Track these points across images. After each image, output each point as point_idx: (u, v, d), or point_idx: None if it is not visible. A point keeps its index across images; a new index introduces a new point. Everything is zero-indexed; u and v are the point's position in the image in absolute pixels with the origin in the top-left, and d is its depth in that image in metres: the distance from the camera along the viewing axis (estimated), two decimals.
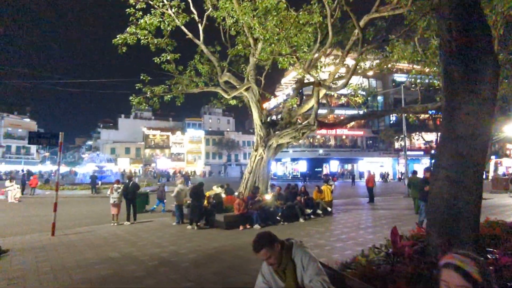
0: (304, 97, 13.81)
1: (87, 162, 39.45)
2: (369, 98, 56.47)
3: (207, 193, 10.24)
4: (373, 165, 51.71)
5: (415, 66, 11.49)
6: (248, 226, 9.10)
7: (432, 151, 47.86)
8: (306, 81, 13.51)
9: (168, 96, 13.04)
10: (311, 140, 53.17)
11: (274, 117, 14.44)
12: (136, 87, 12.58)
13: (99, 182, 24.65)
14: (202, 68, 13.71)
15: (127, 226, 10.18)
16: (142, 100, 12.71)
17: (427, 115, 50.91)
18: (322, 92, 12.19)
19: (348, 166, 52.90)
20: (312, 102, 12.94)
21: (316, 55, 11.40)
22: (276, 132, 12.56)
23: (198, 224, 9.32)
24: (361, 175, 50.05)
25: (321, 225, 9.40)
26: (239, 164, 79.41)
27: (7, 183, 19.06)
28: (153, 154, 74.64)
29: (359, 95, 11.75)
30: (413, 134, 51.45)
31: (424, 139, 49.76)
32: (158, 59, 12.56)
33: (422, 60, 9.89)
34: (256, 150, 12.82)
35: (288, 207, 10.25)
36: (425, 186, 7.88)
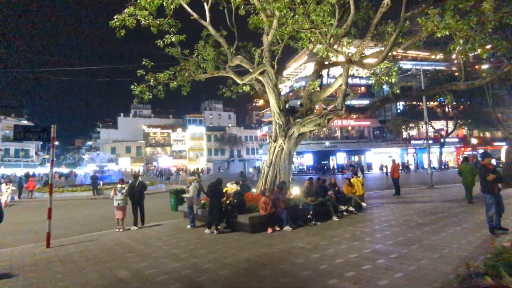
0: (323, 81, 12.22)
1: (87, 162, 38.17)
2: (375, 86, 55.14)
3: (226, 190, 8.86)
4: (381, 156, 50.36)
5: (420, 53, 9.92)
6: (277, 228, 7.73)
7: (442, 140, 46.53)
8: (327, 62, 12.11)
9: (174, 83, 11.61)
10: (316, 133, 51.74)
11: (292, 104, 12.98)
12: (138, 74, 11.13)
13: (101, 183, 23.34)
14: (207, 55, 12.26)
15: (134, 232, 8.83)
16: (144, 89, 11.27)
17: (435, 103, 49.38)
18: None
19: (355, 158, 51.51)
20: (336, 85, 11.53)
21: (340, 30, 9.94)
22: (297, 120, 11.15)
23: (218, 227, 7.95)
24: (369, 167, 48.66)
25: (362, 224, 8.02)
26: (242, 159, 78.17)
27: (3, 186, 17.75)
28: (154, 153, 73.33)
29: (394, 74, 10.31)
30: (421, 123, 49.93)
31: (433, 128, 48.10)
32: (161, 42, 11.10)
33: (470, 28, 8.37)
34: (275, 140, 11.41)
35: (319, 204, 8.88)
36: (487, 175, 6.48)
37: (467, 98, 44.92)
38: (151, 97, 11.33)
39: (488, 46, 8.96)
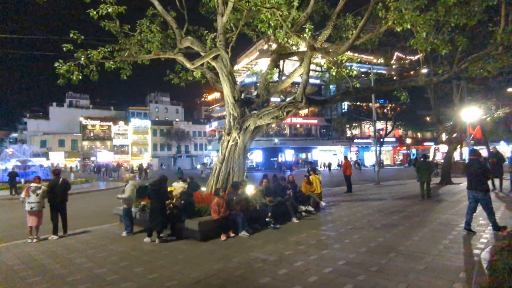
0: (282, 71, 11.40)
1: (11, 157, 33.11)
2: (322, 86, 56.79)
3: (171, 190, 7.49)
4: (327, 154, 52.10)
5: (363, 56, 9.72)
6: (232, 234, 6.63)
7: (381, 139, 49.48)
8: (285, 51, 11.31)
9: (110, 64, 9.82)
10: (266, 130, 51.68)
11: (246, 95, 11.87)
12: (65, 49, 9.14)
13: (22, 180, 19.98)
14: (153, 37, 10.65)
15: (52, 242, 7.05)
16: (73, 68, 9.33)
17: (376, 104, 52.35)
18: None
19: (303, 155, 52.55)
20: (295, 75, 10.75)
21: (300, 18, 9.15)
22: (253, 112, 10.15)
23: (161, 235, 6.60)
24: (315, 164, 49.84)
25: (325, 227, 7.29)
26: (190, 155, 75.47)
27: None
28: (92, 147, 67.22)
29: (353, 68, 9.83)
30: (364, 122, 52.68)
31: (375, 127, 50.82)
32: (94, 13, 9.24)
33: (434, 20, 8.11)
34: (229, 134, 10.28)
35: (278, 204, 7.98)
36: (487, 173, 6.29)
37: (403, 102, 48.46)
38: (80, 77, 9.42)
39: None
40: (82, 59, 9.45)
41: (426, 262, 4.50)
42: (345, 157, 15.78)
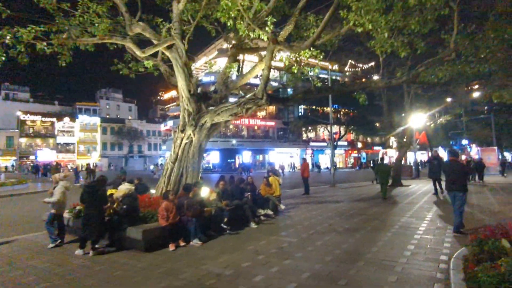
0: (241, 67, 10.80)
1: None
2: (280, 89, 57.34)
3: (112, 193, 6.45)
4: (283, 156, 52.63)
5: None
6: (182, 243, 5.83)
7: (335, 142, 51.18)
8: (247, 47, 10.72)
9: (43, 45, 8.45)
10: (224, 130, 50.76)
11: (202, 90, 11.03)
12: None
13: None
14: (100, 22, 9.45)
15: None
16: None
17: (328, 109, 54.18)
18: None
19: (260, 157, 52.52)
20: (256, 71, 10.20)
21: (262, 12, 8.65)
22: (210, 108, 9.41)
23: (96, 246, 5.58)
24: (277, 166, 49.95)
25: (285, 232, 6.76)
26: (143, 155, 71.96)
27: None
28: (32, 145, 61.08)
29: (315, 68, 9.53)
30: (319, 126, 54.17)
31: (329, 131, 52.53)
32: None
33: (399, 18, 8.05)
34: (182, 131, 9.41)
35: (235, 208, 7.31)
36: (465, 174, 6.44)
37: (355, 107, 51.31)
38: (4, 59, 7.98)
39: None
40: (8, 38, 8.04)
41: (396, 272, 4.14)
42: (304, 159, 15.61)
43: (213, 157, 49.31)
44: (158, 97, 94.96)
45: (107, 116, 72.92)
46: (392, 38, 8.44)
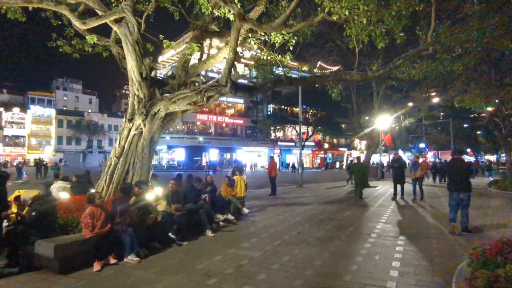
0: (203, 51, 9.50)
1: None
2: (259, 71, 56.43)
3: (19, 195, 4.95)
4: (251, 155, 51.74)
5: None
6: (113, 261, 4.51)
7: (302, 143, 51.15)
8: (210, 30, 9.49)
9: None
10: (190, 127, 48.85)
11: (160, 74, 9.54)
12: None
13: None
14: None
15: None
16: None
17: (297, 109, 54.19)
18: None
19: (227, 155, 51.19)
20: (221, 56, 9.00)
21: None
22: (166, 95, 8.07)
23: None
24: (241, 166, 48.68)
25: (247, 243, 5.63)
26: (103, 151, 67.65)
27: None
28: None
29: (286, 56, 8.51)
30: (287, 126, 53.88)
31: (297, 131, 52.59)
32: None
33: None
34: (130, 120, 7.99)
35: (188, 213, 6.07)
36: (470, 172, 6.16)
37: (323, 108, 51.80)
38: None
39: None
40: None
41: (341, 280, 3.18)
42: (271, 158, 14.62)
43: (178, 155, 47.27)
44: (123, 91, 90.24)
45: (64, 108, 67.87)
46: (371, 25, 7.64)
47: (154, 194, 6.07)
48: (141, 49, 8.30)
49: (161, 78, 8.73)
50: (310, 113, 56.20)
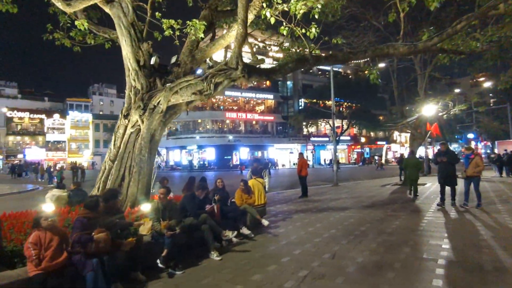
0: (215, 34, 8.03)
1: None
2: (279, 82, 54.50)
3: None
4: (283, 152, 49.95)
5: None
6: None
7: (337, 137, 48.39)
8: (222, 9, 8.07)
9: None
10: (220, 125, 48.13)
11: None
12: None
13: None
14: None
15: None
16: None
17: (329, 102, 51.36)
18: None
19: (259, 153, 49.80)
20: (233, 34, 7.52)
21: None
22: (168, 85, 6.75)
23: None
24: (271, 162, 47.06)
25: (260, 271, 4.13)
26: None
27: None
28: (20, 143, 58.59)
29: (312, 28, 6.87)
30: (320, 120, 51.37)
31: (331, 125, 50.01)
32: None
33: None
34: (126, 116, 6.79)
35: (188, 231, 4.69)
36: None
37: (357, 100, 48.76)
38: None
39: None
40: None
41: None
42: (301, 154, 12.92)
43: (208, 154, 46.75)
44: None
45: (100, 113, 70.35)
46: None
47: (145, 209, 4.75)
48: (138, 33, 7.07)
49: (164, 66, 7.42)
50: (344, 106, 53.26)
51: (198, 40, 7.68)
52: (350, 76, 53.78)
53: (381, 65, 22.15)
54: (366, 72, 8.27)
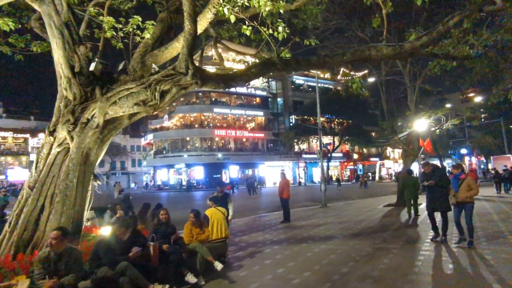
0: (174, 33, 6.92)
1: None
2: (269, 98, 53.79)
3: None
4: (275, 169, 48.57)
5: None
6: None
7: (329, 154, 47.37)
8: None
9: None
10: (209, 143, 46.82)
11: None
12: None
13: None
14: None
15: None
16: None
17: (323, 119, 50.71)
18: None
19: (249, 171, 48.41)
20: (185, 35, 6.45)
21: None
22: (107, 95, 5.56)
23: None
24: (260, 181, 45.40)
25: None
26: (126, 172, 67.55)
27: None
28: (3, 163, 56.46)
29: (282, 24, 5.83)
30: (311, 137, 50.45)
31: (322, 142, 49.17)
32: None
33: None
34: (52, 133, 5.54)
35: (99, 284, 3.38)
36: None
37: (349, 117, 48.25)
38: None
39: None
40: None
41: None
42: (283, 174, 11.65)
43: (197, 173, 45.19)
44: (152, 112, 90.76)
45: None
46: None
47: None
48: (74, 35, 5.94)
49: (109, 73, 6.25)
50: (335, 122, 52.62)
51: (150, 44, 6.60)
52: (341, 92, 53.39)
53: (371, 79, 21.46)
54: (348, 82, 7.26)
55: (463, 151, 47.55)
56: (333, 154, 49.86)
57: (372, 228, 8.79)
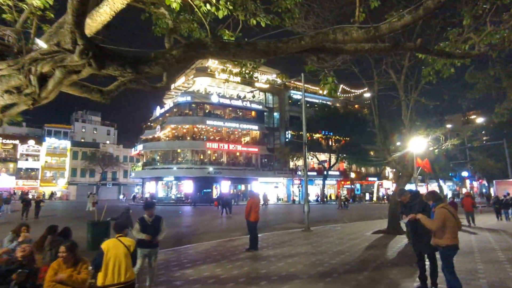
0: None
1: None
2: (265, 112, 52.40)
3: None
4: (268, 186, 46.77)
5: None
6: None
7: (325, 172, 45.66)
8: None
9: None
10: (200, 156, 45.18)
11: None
12: None
13: None
14: None
15: None
16: None
17: (319, 135, 49.25)
18: None
19: (242, 187, 46.59)
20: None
21: None
22: None
23: None
24: (264, 198, 43.33)
25: None
26: (118, 183, 65.70)
27: None
28: None
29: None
30: (308, 153, 48.86)
31: (318, 159, 47.71)
32: None
33: None
34: None
35: None
36: None
37: (347, 134, 46.87)
38: None
39: None
40: None
41: None
42: (251, 192, 9.98)
43: (186, 187, 43.35)
44: (149, 123, 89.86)
45: (82, 140, 67.48)
46: None
47: None
48: None
49: None
50: (332, 139, 51.11)
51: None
52: (339, 110, 52.17)
53: (366, 95, 20.08)
54: (320, 83, 5.79)
55: (464, 173, 45.84)
56: (330, 172, 48.19)
57: (348, 265, 7.08)
